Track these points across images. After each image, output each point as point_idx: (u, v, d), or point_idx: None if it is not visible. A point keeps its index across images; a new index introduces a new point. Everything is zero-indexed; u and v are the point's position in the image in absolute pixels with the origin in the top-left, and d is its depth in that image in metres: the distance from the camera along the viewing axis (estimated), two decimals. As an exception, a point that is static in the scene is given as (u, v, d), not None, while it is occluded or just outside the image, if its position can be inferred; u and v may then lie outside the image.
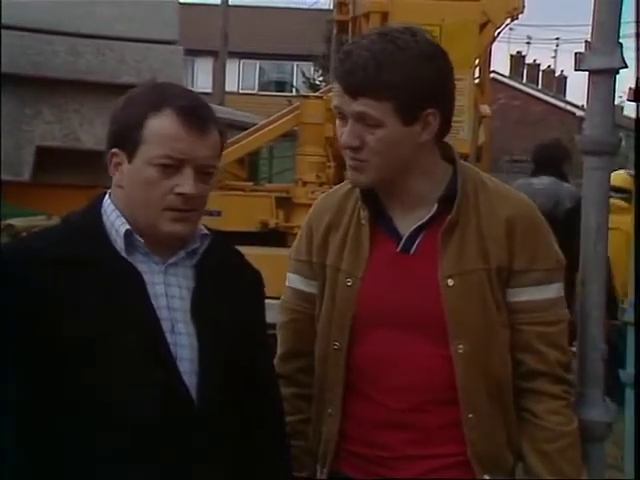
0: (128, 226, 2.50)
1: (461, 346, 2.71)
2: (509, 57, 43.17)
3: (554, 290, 2.80)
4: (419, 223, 2.77)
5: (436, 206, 2.75)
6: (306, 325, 2.90)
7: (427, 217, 2.76)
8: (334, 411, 2.82)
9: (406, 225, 2.79)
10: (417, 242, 2.77)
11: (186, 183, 2.47)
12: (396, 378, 2.76)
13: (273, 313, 2.83)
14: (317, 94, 13.84)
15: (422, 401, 2.74)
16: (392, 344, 2.76)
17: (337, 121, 2.76)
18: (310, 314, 2.89)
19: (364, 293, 2.78)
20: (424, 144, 2.74)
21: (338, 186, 2.98)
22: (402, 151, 2.71)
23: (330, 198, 2.94)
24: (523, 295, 2.77)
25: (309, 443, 2.90)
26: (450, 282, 2.72)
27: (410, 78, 2.65)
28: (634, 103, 3.92)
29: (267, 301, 2.74)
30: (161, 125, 2.46)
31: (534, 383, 2.78)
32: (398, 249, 2.78)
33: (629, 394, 4.02)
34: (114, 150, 2.51)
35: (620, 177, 8.01)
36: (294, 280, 2.94)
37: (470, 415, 2.72)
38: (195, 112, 2.49)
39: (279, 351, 2.97)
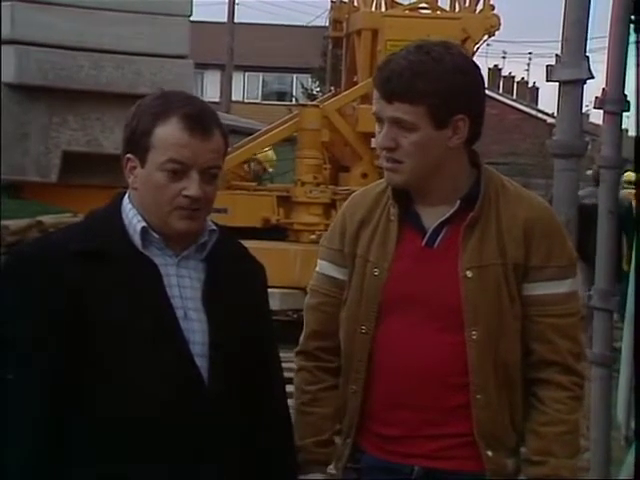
0: (144, 224, 2.48)
1: (474, 333, 2.67)
2: (487, 70, 43.15)
3: (567, 285, 2.75)
4: (442, 219, 2.73)
5: (458, 203, 2.72)
6: (333, 309, 2.84)
7: (449, 213, 2.72)
8: (357, 388, 2.78)
9: (431, 221, 2.75)
10: (440, 237, 2.74)
11: (192, 186, 2.45)
12: (413, 362, 2.72)
13: (274, 301, 2.81)
14: (314, 103, 13.82)
15: (437, 384, 2.71)
16: (412, 330, 2.73)
17: (376, 126, 2.72)
18: (338, 299, 2.84)
19: (390, 283, 2.74)
20: (454, 148, 2.70)
21: (374, 183, 2.93)
22: (433, 153, 2.68)
23: (365, 195, 2.89)
24: (538, 289, 2.72)
25: (329, 409, 2.84)
26: (469, 274, 2.68)
27: (442, 86, 2.63)
28: (600, 110, 3.92)
29: (269, 290, 2.72)
30: (167, 133, 2.44)
31: (545, 373, 2.73)
32: (423, 243, 2.75)
33: (594, 371, 4.02)
34: (128, 155, 2.49)
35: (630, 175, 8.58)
36: (326, 267, 2.88)
37: (479, 396, 2.69)
38: (198, 118, 2.46)
39: (305, 330, 2.91)
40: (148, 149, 2.44)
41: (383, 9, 12.56)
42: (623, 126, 3.97)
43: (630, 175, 9.99)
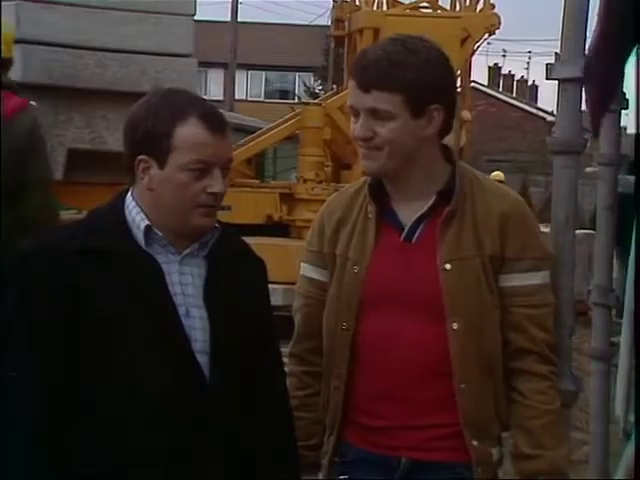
0: (147, 222, 2.48)
1: (455, 323, 2.69)
2: (487, 68, 43.12)
3: (541, 277, 2.79)
4: (419, 214, 2.75)
5: (434, 198, 2.74)
6: (315, 310, 2.88)
7: (426, 208, 2.75)
8: (339, 384, 2.81)
9: (408, 216, 2.77)
10: (418, 232, 2.76)
11: (217, 183, 2.45)
12: (396, 354, 2.74)
13: (276, 297, 2.81)
14: (316, 101, 13.83)
15: (420, 375, 2.72)
16: (394, 324, 2.74)
17: (352, 119, 2.74)
18: (321, 300, 2.87)
19: (369, 279, 2.77)
20: (428, 138, 2.73)
21: (348, 185, 2.97)
22: (410, 142, 2.69)
23: (340, 196, 2.93)
24: (513, 280, 2.76)
25: (316, 414, 2.88)
26: (448, 266, 2.71)
27: (418, 75, 2.65)
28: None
29: (271, 286, 2.73)
30: (189, 133, 2.42)
31: (523, 362, 2.75)
32: (401, 239, 2.77)
33: (595, 365, 4.02)
34: (142, 157, 2.46)
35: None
36: (307, 269, 2.92)
37: (463, 385, 2.71)
38: (214, 116, 2.47)
39: (294, 333, 2.95)
40: (169, 150, 2.43)
41: (385, 8, 12.58)
42: (622, 124, 3.98)
43: (499, 175, 9.61)
